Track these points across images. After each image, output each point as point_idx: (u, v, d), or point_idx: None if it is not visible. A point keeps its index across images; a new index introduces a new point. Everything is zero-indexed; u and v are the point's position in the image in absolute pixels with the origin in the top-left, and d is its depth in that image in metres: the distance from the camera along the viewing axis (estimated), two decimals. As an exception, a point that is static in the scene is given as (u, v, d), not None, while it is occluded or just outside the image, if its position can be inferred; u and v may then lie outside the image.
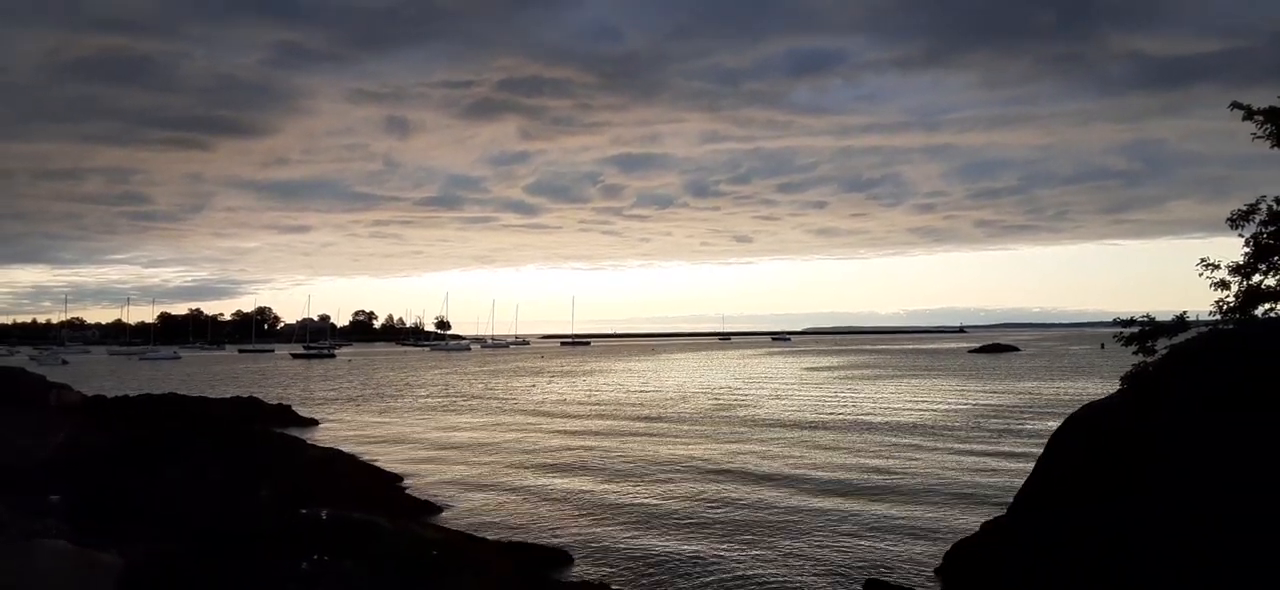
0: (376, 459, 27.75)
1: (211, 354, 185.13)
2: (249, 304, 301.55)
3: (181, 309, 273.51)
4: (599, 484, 23.87)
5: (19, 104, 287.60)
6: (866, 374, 78.22)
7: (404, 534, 9.41)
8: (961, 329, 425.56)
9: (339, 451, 26.67)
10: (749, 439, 32.62)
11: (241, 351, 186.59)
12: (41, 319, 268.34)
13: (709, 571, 15.24)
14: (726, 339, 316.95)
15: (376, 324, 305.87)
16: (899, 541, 16.93)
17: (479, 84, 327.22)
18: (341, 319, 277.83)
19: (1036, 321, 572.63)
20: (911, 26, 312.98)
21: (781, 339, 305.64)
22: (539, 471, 26.22)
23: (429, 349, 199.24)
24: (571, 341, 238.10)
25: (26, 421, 23.35)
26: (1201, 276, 12.31)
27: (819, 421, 38.19)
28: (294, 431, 32.61)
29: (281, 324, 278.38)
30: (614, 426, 38.22)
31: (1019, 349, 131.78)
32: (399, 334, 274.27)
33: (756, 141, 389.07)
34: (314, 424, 40.44)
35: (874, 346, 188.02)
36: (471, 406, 50.80)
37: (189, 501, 12.98)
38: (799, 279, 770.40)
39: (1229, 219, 12.54)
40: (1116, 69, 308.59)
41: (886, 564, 15.31)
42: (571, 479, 24.75)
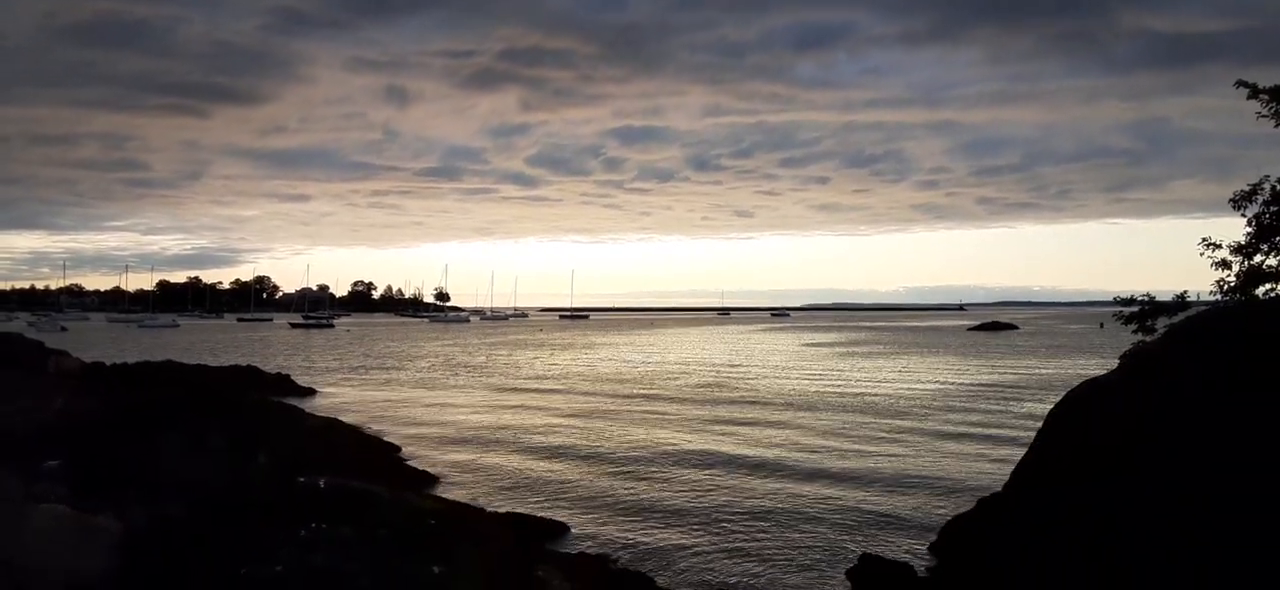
0: (375, 429, 27.82)
1: (210, 322, 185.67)
2: (248, 273, 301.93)
3: (180, 277, 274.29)
4: (598, 457, 23.94)
5: (14, 67, 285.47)
6: (864, 351, 78.34)
7: (402, 503, 9.45)
8: (961, 307, 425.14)
9: (338, 421, 26.73)
10: (747, 414, 32.71)
11: (240, 320, 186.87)
12: (40, 285, 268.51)
13: (705, 544, 15.31)
14: (726, 314, 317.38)
15: (375, 295, 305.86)
16: (894, 517, 16.99)
17: (480, 53, 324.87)
18: (340, 289, 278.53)
19: (1036, 300, 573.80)
20: (917, 1, 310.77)
21: (780, 315, 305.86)
22: (538, 444, 26.30)
23: (428, 321, 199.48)
24: (570, 315, 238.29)
25: (25, 387, 23.35)
26: (1202, 256, 12.30)
27: (817, 397, 38.27)
28: (293, 401, 32.70)
29: (280, 293, 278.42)
30: (613, 400, 38.32)
31: (1018, 327, 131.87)
32: (398, 305, 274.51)
33: (759, 115, 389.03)
34: (313, 393, 40.55)
35: (873, 323, 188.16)
36: (471, 378, 50.91)
37: (187, 468, 13.01)
38: (799, 255, 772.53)
39: (1232, 199, 12.51)
40: (1123, 46, 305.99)
41: (883, 538, 15.39)
42: (570, 451, 24.83)
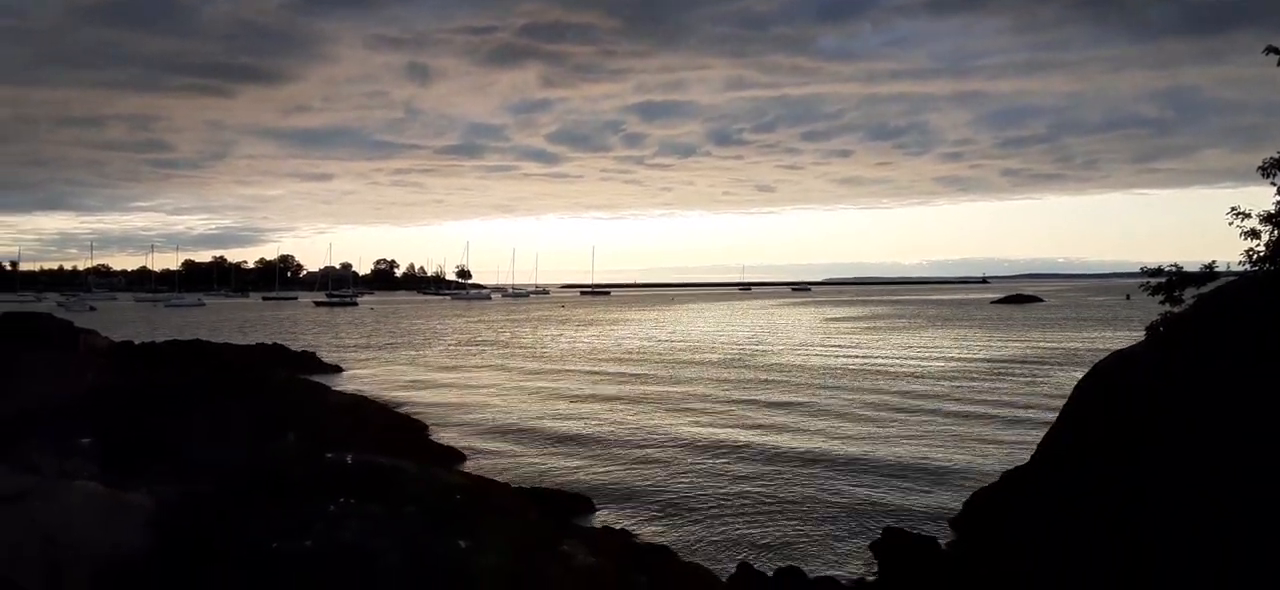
0: (401, 406, 28.07)
1: (235, 301, 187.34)
2: (272, 252, 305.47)
3: (205, 256, 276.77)
4: (621, 432, 24.05)
5: (41, 50, 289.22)
6: (887, 325, 77.99)
7: (429, 478, 9.53)
8: (985, 279, 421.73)
9: (364, 397, 27.00)
10: (768, 390, 32.71)
11: (265, 299, 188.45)
12: (68, 266, 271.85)
13: (729, 519, 15.37)
14: (747, 289, 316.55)
15: (398, 273, 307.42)
16: (918, 490, 16.99)
17: (501, 29, 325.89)
18: (363, 267, 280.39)
19: (1062, 272, 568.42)
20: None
21: (802, 289, 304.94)
22: (562, 419, 26.45)
23: (450, 298, 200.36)
24: (591, 291, 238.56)
25: (56, 366, 23.75)
26: (1231, 226, 12.08)
27: (840, 373, 38.20)
28: (319, 378, 33.03)
29: (304, 272, 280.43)
30: (636, 375, 38.43)
31: (1042, 300, 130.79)
32: (420, 283, 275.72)
33: (782, 88, 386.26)
34: (338, 371, 40.94)
35: (895, 297, 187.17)
36: (496, 356, 51.18)
37: (216, 445, 13.20)
38: (821, 229, 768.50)
39: (1261, 167, 12.25)
40: (1153, 12, 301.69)
41: (906, 511, 15.39)
42: (594, 427, 24.96)
